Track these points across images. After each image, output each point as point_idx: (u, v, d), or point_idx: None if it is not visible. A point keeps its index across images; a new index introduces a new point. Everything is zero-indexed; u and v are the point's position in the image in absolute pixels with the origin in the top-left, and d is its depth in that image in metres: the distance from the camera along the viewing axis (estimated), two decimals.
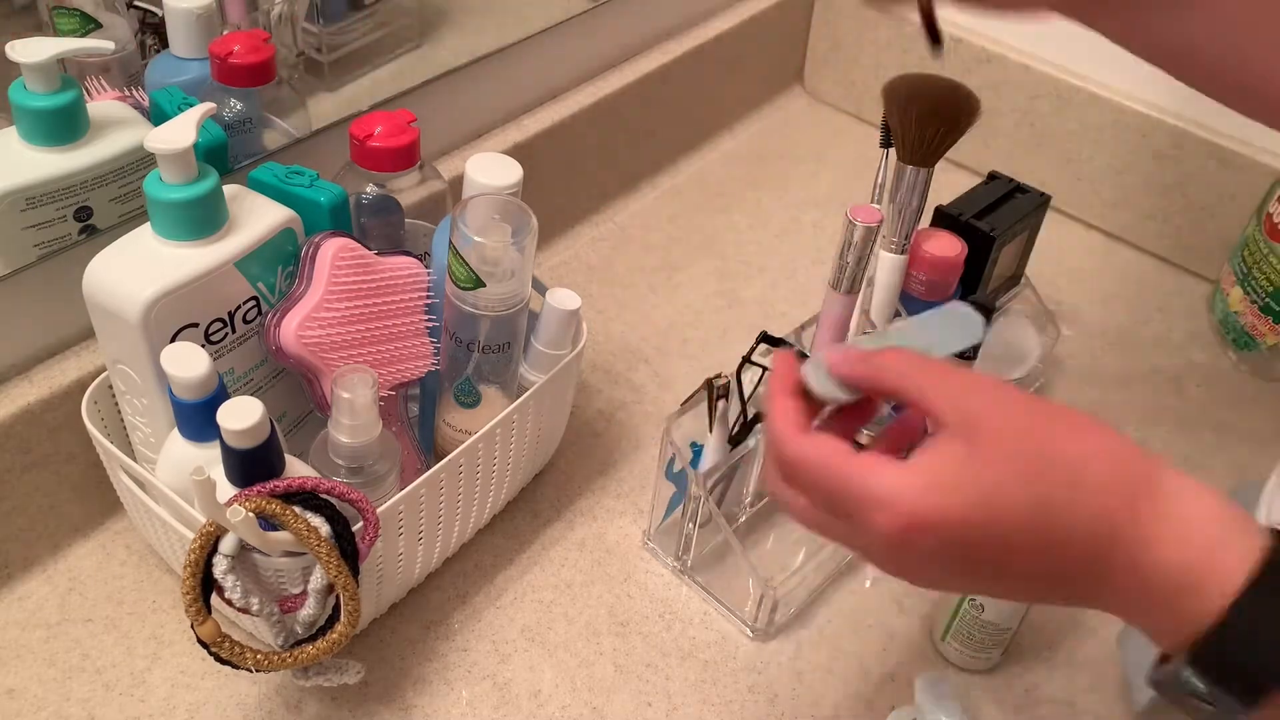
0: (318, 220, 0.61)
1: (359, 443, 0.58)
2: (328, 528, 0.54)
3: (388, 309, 0.62)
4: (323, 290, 0.60)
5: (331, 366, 0.60)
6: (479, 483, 0.66)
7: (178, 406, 0.55)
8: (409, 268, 0.63)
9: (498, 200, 0.61)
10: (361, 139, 0.62)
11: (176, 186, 0.54)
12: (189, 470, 0.52)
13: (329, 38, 0.77)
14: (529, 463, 0.72)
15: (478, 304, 0.61)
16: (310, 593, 0.55)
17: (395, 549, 0.61)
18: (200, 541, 0.53)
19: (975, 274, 0.79)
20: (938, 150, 0.71)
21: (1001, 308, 0.84)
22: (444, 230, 0.65)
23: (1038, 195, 0.82)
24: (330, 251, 0.60)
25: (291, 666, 0.56)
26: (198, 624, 0.54)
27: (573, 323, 0.67)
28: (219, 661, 0.55)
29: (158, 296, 0.54)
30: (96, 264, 0.55)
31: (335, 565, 0.54)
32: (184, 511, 0.56)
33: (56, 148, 0.59)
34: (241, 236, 0.57)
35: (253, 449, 0.53)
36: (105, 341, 0.58)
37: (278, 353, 0.59)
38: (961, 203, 0.81)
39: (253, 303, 0.59)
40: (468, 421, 0.66)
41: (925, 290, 0.77)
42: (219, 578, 0.53)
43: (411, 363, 0.64)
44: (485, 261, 0.59)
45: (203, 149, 0.56)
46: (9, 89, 0.57)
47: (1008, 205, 0.81)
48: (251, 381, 0.62)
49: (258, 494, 0.53)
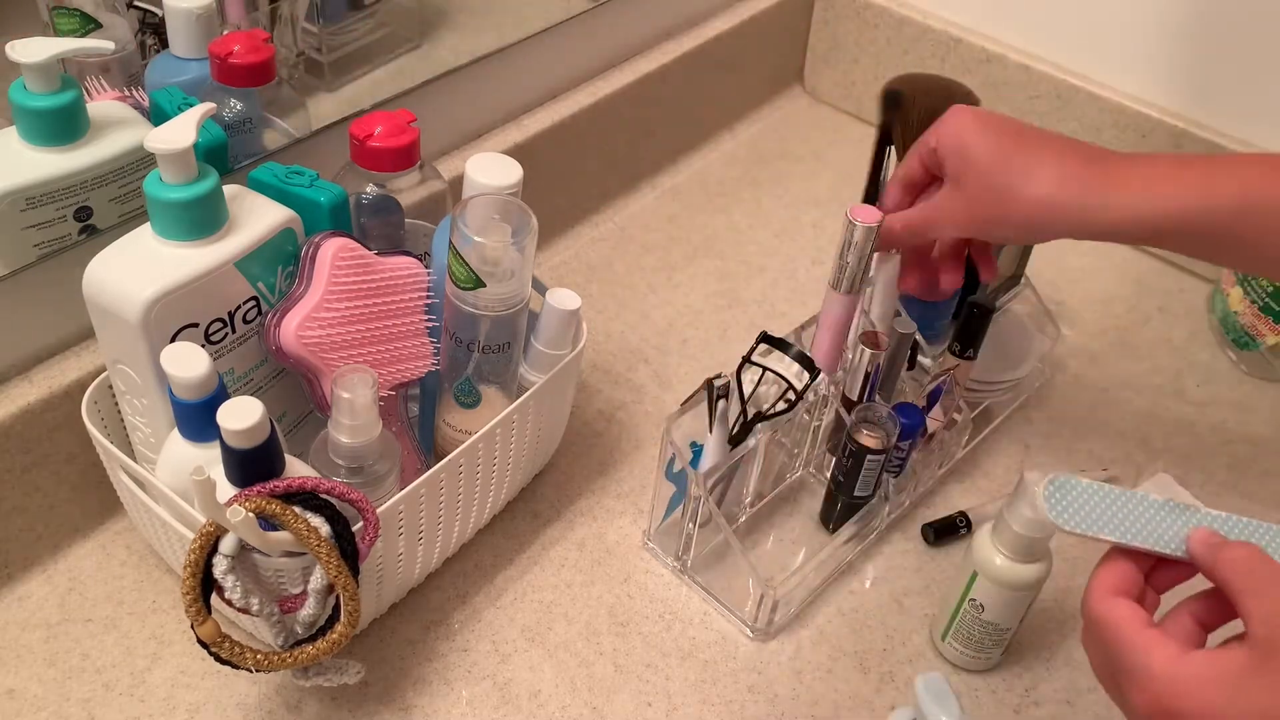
0: (318, 220, 0.61)
1: (359, 443, 0.58)
2: (328, 528, 0.54)
3: (388, 309, 0.62)
4: (323, 290, 0.60)
5: (331, 366, 0.60)
6: (479, 483, 0.66)
7: (177, 406, 0.55)
8: (409, 268, 0.63)
9: (498, 200, 0.61)
10: (361, 139, 0.62)
11: (176, 186, 0.54)
12: (189, 470, 0.52)
13: (329, 38, 0.77)
14: (529, 463, 0.72)
15: (478, 304, 0.61)
16: (310, 593, 0.55)
17: (395, 549, 0.61)
18: (200, 542, 0.53)
19: (974, 274, 0.79)
20: None
21: (1001, 308, 0.84)
22: (444, 230, 0.65)
23: None
24: (330, 251, 0.60)
25: (291, 666, 0.56)
26: (198, 624, 0.54)
27: (573, 323, 0.67)
28: (219, 661, 0.55)
29: (158, 296, 0.54)
30: (96, 264, 0.55)
31: (335, 565, 0.54)
32: (184, 511, 0.56)
33: (56, 148, 0.59)
34: (241, 236, 0.57)
35: (253, 449, 0.53)
36: (105, 341, 0.58)
37: (278, 353, 0.59)
38: None
39: (253, 303, 0.59)
40: (468, 421, 0.66)
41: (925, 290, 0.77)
42: (219, 578, 0.53)
43: (411, 363, 0.64)
44: (485, 261, 0.59)
45: (203, 149, 0.56)
46: (9, 89, 0.57)
47: None
48: (251, 381, 0.62)
49: (258, 494, 0.53)
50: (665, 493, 0.69)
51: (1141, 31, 0.95)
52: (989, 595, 0.63)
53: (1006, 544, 0.61)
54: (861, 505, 0.70)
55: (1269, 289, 0.86)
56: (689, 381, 0.85)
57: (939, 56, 1.06)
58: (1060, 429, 0.84)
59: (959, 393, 0.74)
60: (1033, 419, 0.84)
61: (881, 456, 0.68)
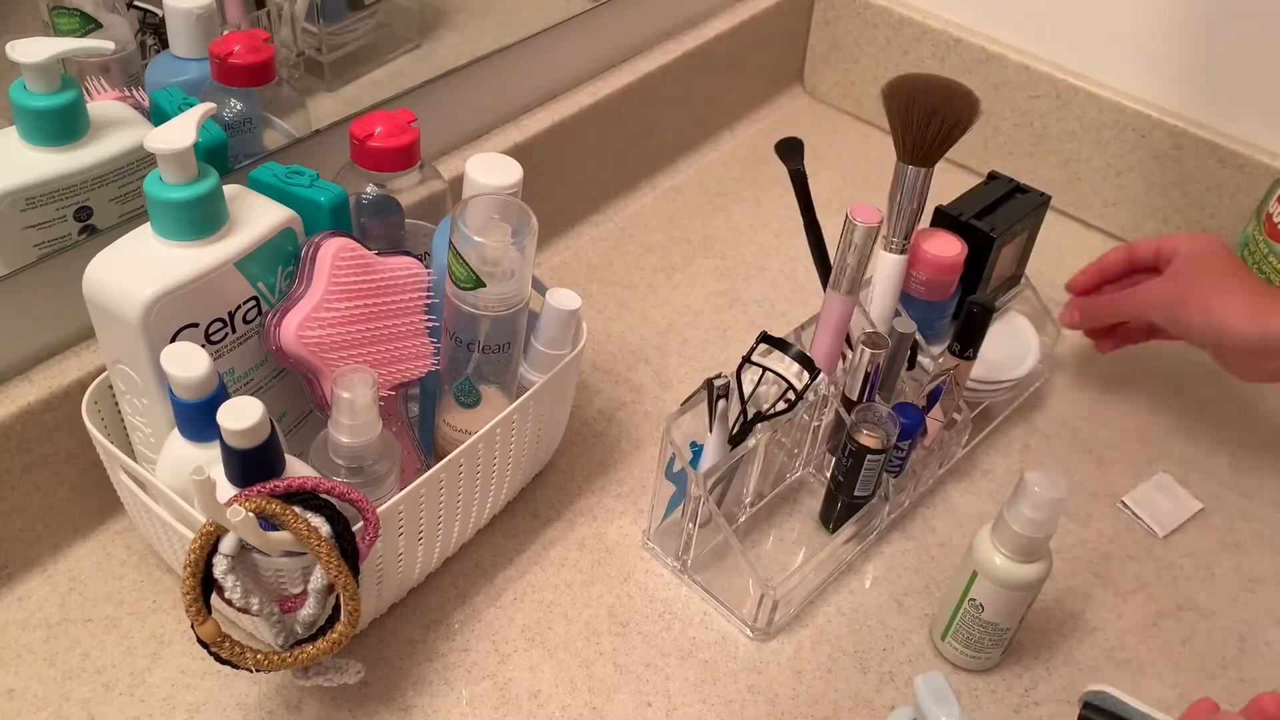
0: (318, 220, 0.61)
1: (359, 443, 0.58)
2: (328, 528, 0.54)
3: (388, 309, 0.62)
4: (323, 290, 0.60)
5: (331, 366, 0.60)
6: (479, 483, 0.66)
7: (177, 406, 0.55)
8: (409, 268, 0.63)
9: (498, 200, 0.62)
10: (362, 139, 0.62)
11: (177, 186, 0.54)
12: (189, 470, 0.52)
13: (329, 38, 0.77)
14: (529, 463, 0.72)
15: (478, 304, 0.61)
16: (310, 593, 0.55)
17: (395, 549, 0.61)
18: (200, 541, 0.53)
19: (975, 274, 0.79)
20: (938, 150, 0.71)
21: (1002, 308, 0.84)
22: (444, 230, 0.65)
23: (1038, 195, 0.82)
24: (330, 251, 0.60)
25: (291, 666, 0.56)
26: (198, 624, 0.54)
27: (573, 323, 0.67)
28: (219, 661, 0.55)
29: (158, 296, 0.54)
30: (96, 264, 0.55)
31: (335, 565, 0.54)
32: (184, 511, 0.56)
33: (57, 148, 0.59)
34: (242, 236, 0.57)
35: (253, 449, 0.53)
36: (105, 341, 0.58)
37: (278, 353, 0.59)
38: (961, 203, 0.81)
39: (253, 303, 0.59)
40: (468, 421, 0.66)
41: (925, 290, 0.77)
42: (219, 577, 0.53)
43: (411, 363, 0.64)
44: (485, 261, 0.59)
45: (203, 149, 0.56)
46: (9, 89, 0.57)
47: (1007, 205, 0.81)
48: (251, 381, 0.62)
49: (258, 494, 0.53)
50: (665, 493, 0.69)
51: (1141, 31, 0.95)
52: (989, 595, 0.63)
53: (1006, 544, 0.61)
54: (861, 505, 0.70)
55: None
56: (689, 381, 0.85)
57: (939, 56, 1.06)
58: (1060, 429, 0.84)
59: (958, 393, 0.74)
60: (1033, 419, 0.84)
61: (881, 456, 0.68)
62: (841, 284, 0.69)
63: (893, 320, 0.72)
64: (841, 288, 0.69)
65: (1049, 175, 1.04)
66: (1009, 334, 0.84)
